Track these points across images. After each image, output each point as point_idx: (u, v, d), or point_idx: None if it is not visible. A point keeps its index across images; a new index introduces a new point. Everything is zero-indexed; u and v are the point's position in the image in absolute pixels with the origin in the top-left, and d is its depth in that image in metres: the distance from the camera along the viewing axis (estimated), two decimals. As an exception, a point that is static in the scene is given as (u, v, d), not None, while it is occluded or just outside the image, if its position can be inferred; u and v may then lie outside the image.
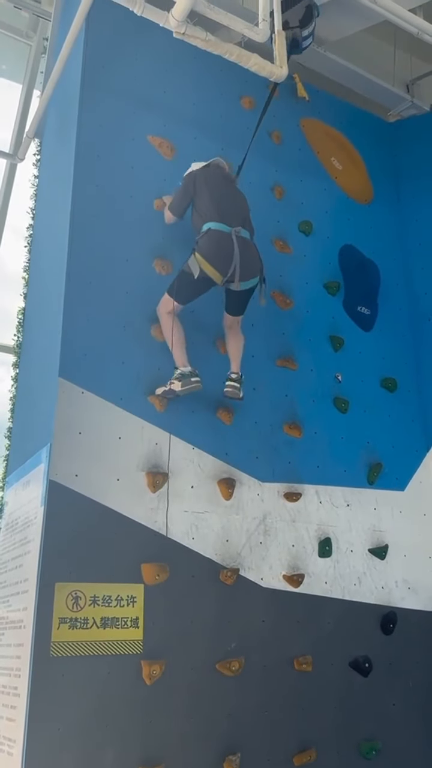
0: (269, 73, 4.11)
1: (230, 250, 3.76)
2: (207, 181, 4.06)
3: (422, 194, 5.56)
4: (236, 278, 3.78)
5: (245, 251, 3.82)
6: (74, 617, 3.24)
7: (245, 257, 3.80)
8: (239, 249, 3.77)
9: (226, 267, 3.75)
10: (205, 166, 4.19)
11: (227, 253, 3.76)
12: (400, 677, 4.21)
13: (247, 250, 3.85)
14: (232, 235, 3.81)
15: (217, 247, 3.78)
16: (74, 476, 3.44)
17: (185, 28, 3.78)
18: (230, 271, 3.75)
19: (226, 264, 3.75)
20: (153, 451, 3.78)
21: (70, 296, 3.78)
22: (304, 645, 3.90)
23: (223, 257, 3.76)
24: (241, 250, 3.78)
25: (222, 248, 3.77)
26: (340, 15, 5.15)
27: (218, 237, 3.80)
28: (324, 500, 4.34)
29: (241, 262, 3.77)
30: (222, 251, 3.77)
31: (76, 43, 4.42)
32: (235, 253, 3.76)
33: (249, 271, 3.86)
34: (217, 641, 3.62)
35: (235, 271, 3.76)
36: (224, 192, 4.07)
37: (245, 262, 3.80)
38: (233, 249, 3.76)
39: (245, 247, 3.84)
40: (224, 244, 3.78)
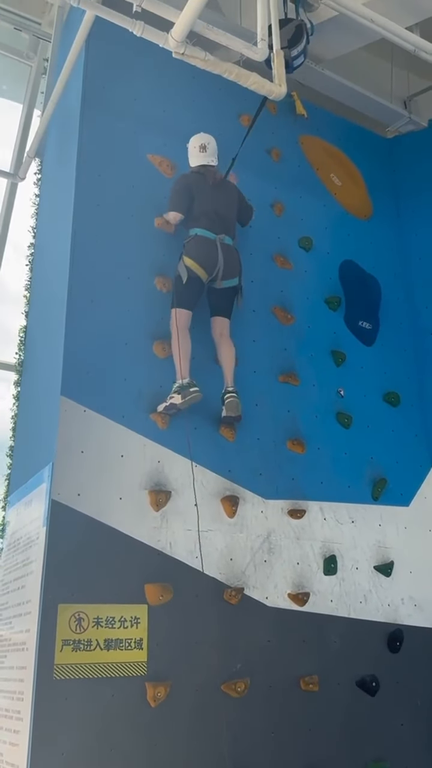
0: (268, 92, 4.14)
1: (215, 254, 4.11)
2: (198, 189, 4.26)
3: (421, 209, 5.58)
4: (219, 277, 4.14)
5: (228, 255, 4.16)
6: (77, 639, 3.20)
7: (228, 260, 4.15)
8: (223, 253, 4.13)
9: (211, 267, 4.10)
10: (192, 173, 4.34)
11: (212, 257, 4.10)
12: (408, 696, 4.15)
13: (230, 254, 4.19)
14: (217, 241, 4.14)
15: (202, 251, 4.10)
16: (77, 495, 3.42)
17: (185, 49, 3.80)
18: (215, 271, 4.10)
19: (212, 265, 4.10)
20: (155, 469, 3.76)
21: (72, 314, 3.78)
22: (311, 664, 3.85)
23: (208, 260, 4.09)
24: (225, 254, 4.14)
25: (207, 252, 4.10)
26: (337, 33, 5.20)
27: (204, 242, 4.13)
28: (328, 517, 4.30)
29: (225, 265, 4.13)
30: (207, 255, 4.10)
31: (77, 64, 4.47)
32: (219, 257, 4.11)
33: (230, 271, 4.19)
34: (222, 662, 3.56)
35: (219, 272, 4.11)
36: (211, 198, 4.25)
37: (227, 264, 4.15)
38: (217, 253, 4.11)
39: (228, 252, 4.18)
40: (209, 249, 4.12)
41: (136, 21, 3.76)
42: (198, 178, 4.32)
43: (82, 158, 4.20)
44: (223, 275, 4.13)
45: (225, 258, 4.12)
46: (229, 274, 4.16)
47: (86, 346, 3.76)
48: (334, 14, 4.94)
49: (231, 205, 4.39)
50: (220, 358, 4.16)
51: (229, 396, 4.02)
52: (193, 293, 4.08)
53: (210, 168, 4.36)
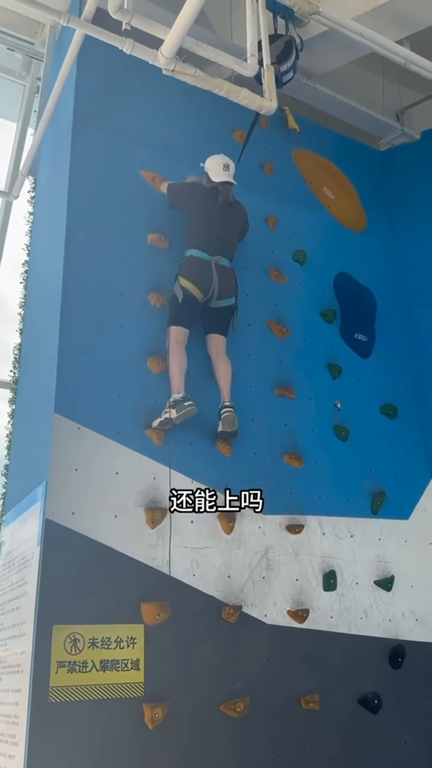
0: (259, 107, 4.17)
1: (209, 275, 4.13)
2: (204, 203, 4.30)
3: (415, 221, 5.60)
4: (214, 297, 4.17)
5: (223, 276, 4.18)
6: (73, 660, 3.15)
7: (222, 281, 4.18)
8: (217, 275, 4.15)
9: (206, 288, 4.12)
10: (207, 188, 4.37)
11: (207, 277, 4.13)
12: (412, 713, 4.08)
13: (225, 276, 4.21)
14: (212, 263, 4.15)
15: (197, 272, 4.13)
16: (71, 514, 3.38)
17: (174, 65, 3.84)
18: (210, 291, 4.13)
19: (206, 285, 4.12)
20: (151, 485, 3.72)
21: (65, 331, 3.77)
22: (311, 683, 3.79)
23: (203, 281, 4.12)
24: (219, 275, 4.16)
25: (201, 273, 4.13)
26: (327, 48, 5.22)
27: (198, 264, 4.15)
28: (327, 531, 4.26)
29: (219, 285, 4.15)
30: (202, 276, 4.12)
31: (68, 82, 4.50)
32: (214, 279, 4.14)
33: (225, 292, 4.21)
34: (221, 681, 3.51)
35: (214, 292, 4.15)
36: (216, 218, 4.28)
37: (222, 285, 4.18)
38: (212, 274, 4.14)
39: (223, 273, 4.20)
40: (204, 270, 4.14)
41: (125, 39, 3.80)
42: (210, 194, 4.35)
43: (74, 175, 4.21)
44: (218, 295, 4.16)
45: (220, 279, 4.14)
46: (224, 295, 4.19)
47: (80, 363, 3.74)
48: (324, 29, 4.96)
49: (235, 227, 4.42)
50: (217, 374, 4.16)
51: (225, 411, 4.00)
52: (189, 312, 4.10)
53: (228, 186, 4.38)
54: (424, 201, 5.62)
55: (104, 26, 3.98)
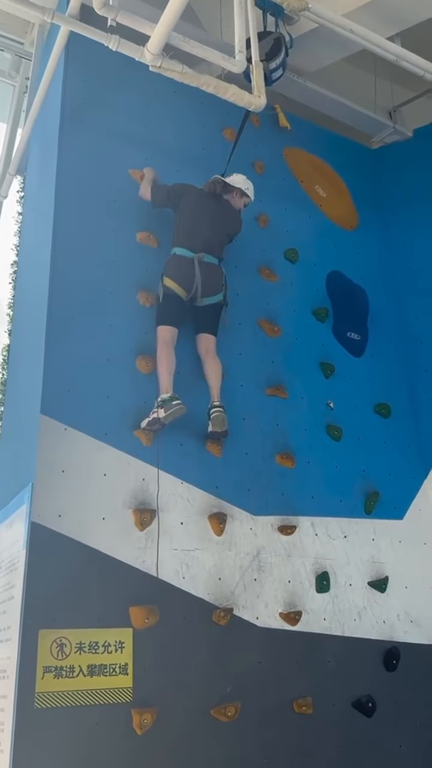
0: (247, 103, 4.12)
1: (191, 272, 4.08)
2: (196, 202, 4.27)
3: (408, 219, 5.56)
4: (198, 295, 4.11)
5: (207, 273, 4.13)
6: (59, 666, 3.09)
7: (206, 278, 4.12)
8: (200, 271, 4.10)
9: (189, 285, 4.08)
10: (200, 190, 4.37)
11: (189, 275, 4.08)
12: (406, 716, 4.02)
13: (209, 273, 4.15)
14: (195, 260, 4.10)
15: (179, 269, 4.09)
16: (57, 517, 3.33)
17: (161, 62, 3.79)
18: (193, 289, 4.08)
19: (189, 283, 4.08)
20: (140, 487, 3.67)
21: (52, 331, 3.72)
22: (304, 686, 3.73)
23: (185, 278, 4.07)
24: (203, 272, 4.11)
25: (184, 270, 4.09)
26: (318, 45, 5.19)
27: (180, 262, 4.12)
28: (320, 532, 4.20)
29: (203, 282, 4.10)
30: (184, 273, 4.08)
31: (56, 80, 4.46)
32: (197, 275, 4.08)
33: (209, 289, 4.15)
34: (212, 686, 3.45)
35: (197, 290, 4.08)
36: (205, 217, 4.24)
37: (206, 281, 4.12)
38: (194, 272, 4.08)
39: (207, 270, 4.14)
40: (186, 267, 4.10)
41: (111, 35, 3.75)
42: (206, 195, 4.34)
43: (62, 174, 4.16)
44: (203, 293, 4.11)
45: (203, 276, 4.09)
46: (208, 292, 4.13)
47: (67, 363, 3.69)
48: (314, 26, 4.93)
49: (225, 229, 4.37)
50: (206, 373, 4.11)
51: (214, 411, 3.96)
52: (174, 310, 4.05)
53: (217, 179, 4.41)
54: (416, 199, 5.59)
55: (92, 24, 3.95)
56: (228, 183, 4.45)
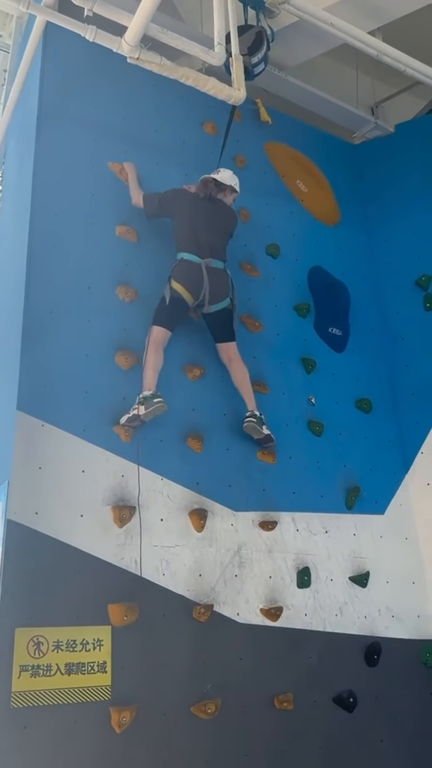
0: (227, 96, 4.10)
1: (200, 278, 4.07)
2: (191, 207, 4.26)
3: (389, 214, 5.55)
4: (206, 301, 4.09)
5: (214, 279, 4.12)
6: (36, 664, 3.06)
7: (214, 284, 4.11)
8: (208, 277, 4.09)
9: (197, 291, 4.06)
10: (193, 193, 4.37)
11: (198, 280, 4.07)
12: (387, 711, 4.02)
13: (217, 278, 4.15)
14: (202, 265, 4.10)
15: (188, 275, 4.07)
16: (34, 514, 3.29)
17: (139, 53, 3.76)
18: (201, 295, 4.06)
19: (197, 289, 4.06)
20: (119, 483, 3.63)
21: (29, 326, 3.67)
22: (285, 682, 3.72)
23: (194, 284, 4.06)
24: (211, 278, 4.10)
25: (192, 276, 4.07)
26: (298, 39, 5.16)
27: (189, 267, 4.10)
28: (301, 528, 4.19)
29: (211, 288, 4.08)
30: (193, 279, 4.07)
31: (33, 73, 4.40)
32: (205, 281, 4.07)
33: (217, 295, 4.14)
34: (192, 683, 3.44)
35: (205, 296, 4.06)
36: (203, 221, 4.24)
37: (214, 288, 4.11)
38: (203, 278, 4.07)
39: (215, 275, 4.14)
40: (194, 273, 4.08)
41: (88, 26, 3.70)
42: (199, 199, 4.32)
43: (39, 166, 4.11)
44: (210, 299, 4.10)
45: (211, 281, 4.09)
46: (216, 298, 4.12)
47: (44, 359, 3.64)
48: (295, 20, 4.90)
49: (224, 228, 4.38)
50: (235, 383, 4.17)
51: (246, 421, 4.05)
52: (174, 314, 4.04)
53: (207, 179, 4.38)
54: (398, 194, 5.58)
55: (70, 14, 3.89)
56: (220, 182, 4.42)
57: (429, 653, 4.27)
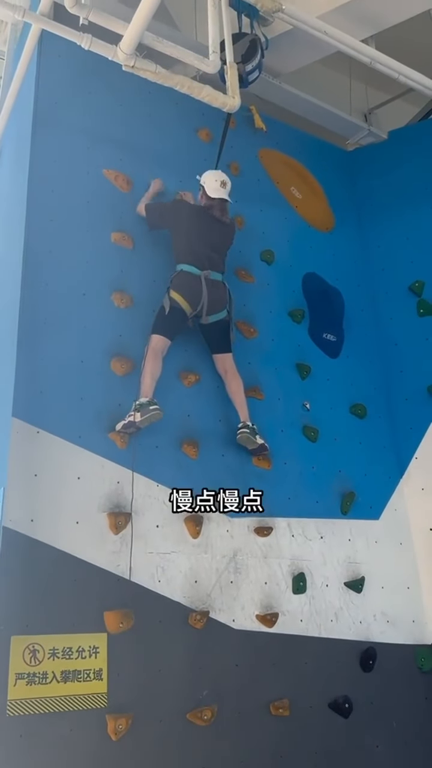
0: (222, 104, 4.11)
1: (199, 289, 4.11)
2: (190, 220, 4.28)
3: (383, 220, 5.57)
4: (204, 312, 4.13)
5: (213, 291, 4.17)
6: (32, 672, 3.05)
7: (213, 295, 4.16)
8: (207, 289, 4.13)
9: (196, 302, 4.10)
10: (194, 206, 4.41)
11: (197, 292, 4.11)
12: (383, 717, 4.04)
13: (215, 290, 4.19)
14: (202, 277, 4.15)
15: (187, 286, 4.12)
16: (30, 521, 3.28)
17: (134, 61, 3.76)
18: (199, 306, 4.10)
19: (196, 299, 4.10)
20: (114, 490, 3.63)
21: (24, 332, 3.67)
22: (281, 688, 3.72)
23: (192, 295, 4.10)
24: (209, 289, 4.15)
25: (192, 287, 4.11)
26: (292, 47, 5.19)
27: (188, 278, 4.14)
28: (296, 533, 4.20)
29: (209, 299, 4.13)
30: (192, 290, 4.11)
31: (29, 80, 4.40)
32: (204, 292, 4.11)
33: (215, 306, 4.18)
34: (188, 690, 3.44)
35: (203, 307, 4.11)
36: (207, 234, 4.28)
37: (212, 299, 4.15)
38: (202, 289, 4.11)
39: (214, 287, 4.18)
40: (194, 285, 4.13)
41: (83, 34, 3.71)
42: (199, 211, 4.34)
43: (34, 173, 4.10)
44: (208, 310, 4.14)
45: (210, 293, 4.13)
46: (214, 309, 4.16)
47: (39, 365, 3.64)
48: (289, 28, 4.93)
49: (225, 242, 4.42)
50: (230, 393, 4.20)
51: (239, 432, 4.07)
52: (174, 323, 4.07)
53: (224, 203, 4.38)
54: (392, 201, 5.60)
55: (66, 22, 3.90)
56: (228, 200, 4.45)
57: (424, 658, 4.29)
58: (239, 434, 4.09)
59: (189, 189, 4.63)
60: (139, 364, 3.91)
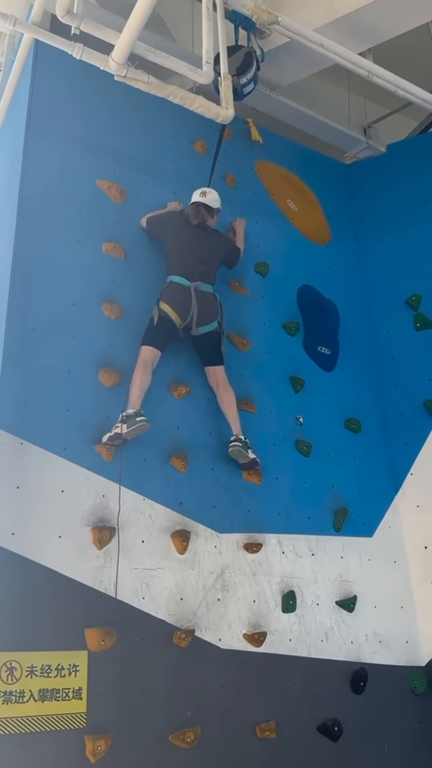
0: (215, 115, 4.09)
1: (188, 300, 4.11)
2: (179, 231, 4.34)
3: (380, 234, 5.53)
4: (194, 324, 4.11)
5: (203, 302, 4.16)
6: (8, 690, 2.97)
7: (202, 307, 4.15)
8: (197, 300, 4.12)
9: (185, 313, 4.09)
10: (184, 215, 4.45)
11: (186, 303, 4.10)
12: (374, 741, 3.92)
13: (205, 301, 4.18)
14: (191, 289, 4.14)
15: (176, 297, 4.11)
16: (11, 535, 3.22)
17: (126, 71, 3.74)
18: (188, 317, 4.08)
19: (185, 311, 4.09)
20: (99, 504, 3.56)
21: (10, 341, 3.63)
22: (268, 710, 3.63)
23: (182, 306, 4.09)
24: (199, 301, 4.14)
25: (181, 298, 4.11)
26: (289, 59, 5.18)
27: (178, 289, 4.14)
28: (287, 550, 4.11)
29: (198, 311, 4.11)
30: (181, 301, 4.10)
31: (23, 89, 4.39)
32: (193, 304, 4.10)
33: (205, 317, 4.16)
34: (170, 711, 3.35)
35: (193, 318, 4.09)
36: (193, 243, 4.30)
37: (202, 310, 4.14)
38: (191, 300, 4.11)
39: (203, 299, 4.18)
40: (183, 296, 4.12)
41: (75, 43, 3.69)
42: (185, 223, 4.39)
43: (26, 183, 4.09)
44: (198, 321, 4.12)
45: (199, 304, 4.11)
46: (203, 320, 4.15)
47: (25, 375, 3.59)
48: (286, 40, 4.92)
49: (214, 251, 4.42)
50: (222, 406, 4.16)
51: (231, 446, 4.01)
52: (162, 334, 4.04)
53: (196, 205, 4.39)
54: (389, 214, 5.56)
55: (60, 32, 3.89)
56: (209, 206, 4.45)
57: (417, 680, 4.18)
58: (231, 447, 4.02)
59: (183, 200, 4.61)
60: (128, 376, 3.86)
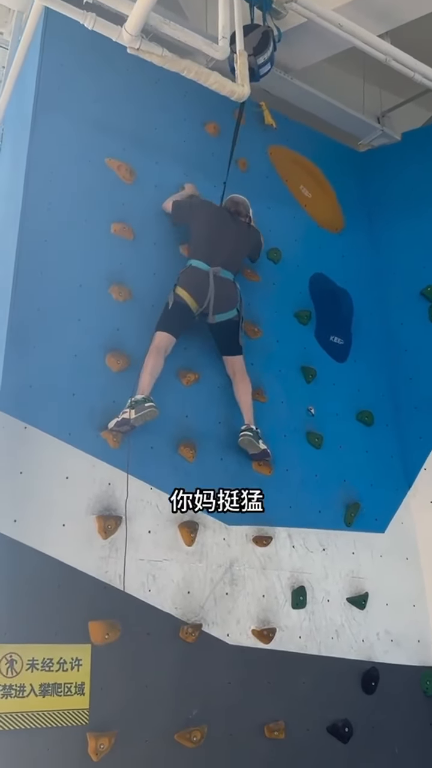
0: (230, 92, 3.94)
1: (206, 286, 3.99)
2: (209, 217, 4.25)
3: (394, 223, 5.41)
4: (210, 311, 3.98)
5: (221, 288, 4.03)
6: (8, 684, 2.85)
7: (220, 293, 4.01)
8: (215, 286, 4.00)
9: (201, 298, 3.97)
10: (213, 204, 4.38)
11: (203, 288, 3.98)
12: (385, 742, 3.81)
13: (224, 288, 4.06)
14: (210, 274, 4.02)
15: (193, 281, 4.00)
16: (12, 522, 3.09)
17: (140, 44, 3.60)
18: (205, 303, 3.96)
19: (202, 296, 3.97)
20: (105, 492, 3.43)
21: (15, 322, 3.50)
22: (276, 709, 3.51)
23: (198, 290, 3.97)
24: (217, 287, 4.01)
25: (198, 283, 3.99)
26: (305, 42, 5.05)
27: (196, 274, 4.03)
28: (297, 544, 3.99)
29: (215, 297, 3.98)
30: (198, 286, 3.98)
31: (31, 65, 4.25)
32: (210, 289, 3.98)
33: (223, 305, 4.04)
34: (176, 708, 3.23)
35: (209, 305, 3.96)
36: (220, 230, 4.21)
37: (219, 297, 4.01)
38: (209, 286, 3.99)
39: (222, 285, 4.05)
40: (200, 281, 4.00)
41: (87, 13, 3.55)
42: (220, 210, 4.33)
43: (33, 160, 3.96)
44: (215, 309, 4.00)
45: (217, 290, 4.00)
46: (221, 308, 4.02)
47: (30, 358, 3.46)
48: (303, 21, 4.78)
49: (242, 240, 4.34)
50: (237, 394, 4.07)
51: (241, 435, 3.90)
52: (177, 319, 3.93)
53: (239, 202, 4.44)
54: (404, 203, 5.43)
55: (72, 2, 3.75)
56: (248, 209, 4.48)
57: (430, 681, 4.06)
58: (241, 437, 3.90)
59: (194, 181, 4.49)
60: (136, 361, 3.73)
